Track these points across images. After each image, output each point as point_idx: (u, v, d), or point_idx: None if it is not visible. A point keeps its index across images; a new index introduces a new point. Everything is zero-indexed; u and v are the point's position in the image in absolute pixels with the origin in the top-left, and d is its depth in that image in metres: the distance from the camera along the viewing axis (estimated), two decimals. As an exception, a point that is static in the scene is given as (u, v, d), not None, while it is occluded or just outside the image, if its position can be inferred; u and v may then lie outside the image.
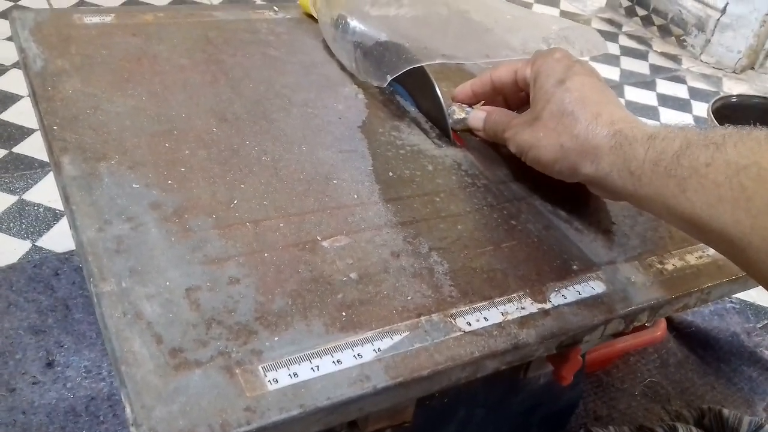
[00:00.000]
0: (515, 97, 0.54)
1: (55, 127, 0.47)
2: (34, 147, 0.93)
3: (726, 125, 0.37)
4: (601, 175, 0.42)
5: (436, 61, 0.54)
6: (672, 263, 0.47)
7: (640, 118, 1.33)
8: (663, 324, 0.67)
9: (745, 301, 0.84)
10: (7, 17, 0.61)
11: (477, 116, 0.53)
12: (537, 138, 0.46)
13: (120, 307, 0.35)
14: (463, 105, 0.55)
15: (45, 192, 0.85)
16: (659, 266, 0.46)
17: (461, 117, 0.55)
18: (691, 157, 0.36)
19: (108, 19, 0.62)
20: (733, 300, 0.81)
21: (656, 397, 0.66)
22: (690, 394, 0.67)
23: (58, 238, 0.77)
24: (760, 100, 1.08)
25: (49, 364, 0.61)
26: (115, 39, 0.59)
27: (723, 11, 1.57)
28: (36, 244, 0.77)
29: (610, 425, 0.55)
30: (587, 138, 0.43)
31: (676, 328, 0.74)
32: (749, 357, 0.70)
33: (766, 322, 0.82)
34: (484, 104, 0.55)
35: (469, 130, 0.55)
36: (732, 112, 1.04)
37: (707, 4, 1.59)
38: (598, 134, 0.42)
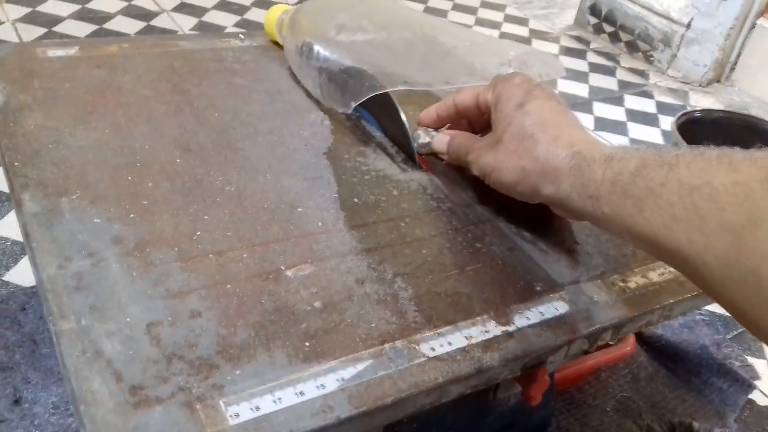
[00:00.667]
0: (478, 120, 0.55)
1: (16, 163, 0.47)
2: None
3: (679, 146, 0.38)
4: (562, 196, 0.43)
5: (399, 88, 0.55)
6: (635, 281, 0.47)
7: (609, 134, 1.34)
8: (632, 339, 0.68)
9: (714, 312, 0.85)
10: (-30, 52, 0.60)
11: (441, 140, 0.54)
12: (498, 161, 0.47)
13: (80, 345, 0.35)
14: (429, 129, 0.56)
15: (12, 226, 0.84)
16: (622, 284, 0.47)
17: (426, 141, 0.55)
18: (647, 177, 0.37)
19: (72, 51, 0.62)
20: (702, 312, 0.82)
21: (628, 412, 0.66)
22: (661, 408, 0.68)
23: (26, 273, 0.76)
24: (722, 114, 1.11)
25: (17, 402, 0.60)
26: (79, 72, 0.59)
27: (688, 26, 1.60)
28: (2, 278, 0.76)
29: (582, 443, 0.55)
30: (547, 160, 0.44)
31: (646, 342, 0.75)
32: (719, 369, 0.71)
33: (735, 333, 0.83)
34: (449, 128, 0.56)
35: (434, 154, 0.55)
36: (696, 127, 1.06)
37: (673, 20, 1.63)
38: (557, 156, 0.43)
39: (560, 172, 0.43)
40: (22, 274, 0.76)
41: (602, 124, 1.37)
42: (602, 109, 1.43)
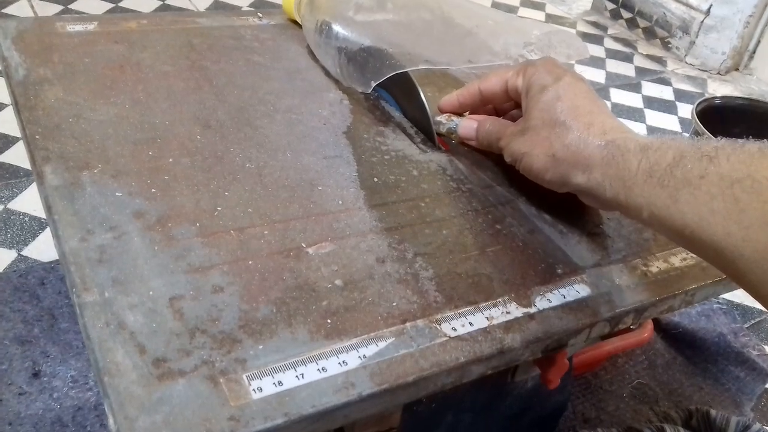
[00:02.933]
0: (503, 107, 0.54)
1: (37, 137, 0.47)
2: (18, 156, 0.93)
3: (719, 137, 0.37)
4: (593, 185, 0.42)
5: (420, 67, 0.54)
6: (656, 265, 0.47)
7: (626, 120, 1.33)
8: (650, 325, 0.67)
9: (732, 301, 0.84)
10: (-11, 26, 0.60)
11: (468, 126, 0.54)
12: (529, 147, 0.46)
13: (103, 317, 0.35)
14: (451, 116, 0.55)
15: (30, 201, 0.85)
16: (644, 269, 0.46)
17: (449, 126, 0.55)
18: (685, 169, 0.36)
19: (91, 27, 0.62)
20: (719, 300, 0.81)
21: (644, 398, 0.66)
22: (678, 395, 0.67)
23: (44, 248, 0.76)
24: (743, 102, 1.09)
25: (36, 375, 0.60)
26: (98, 47, 0.59)
27: (707, 13, 1.58)
28: (21, 253, 0.76)
29: (598, 427, 0.55)
30: (579, 148, 0.43)
31: (663, 329, 0.75)
32: (736, 357, 0.70)
33: (752, 322, 0.82)
34: (470, 114, 0.55)
35: (460, 141, 0.55)
36: (715, 114, 1.04)
37: (691, 6, 1.61)
38: (590, 144, 0.43)
39: (592, 161, 0.42)
40: (40, 250, 0.76)
41: (619, 110, 1.36)
42: (619, 96, 1.42)
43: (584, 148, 0.43)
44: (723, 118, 1.04)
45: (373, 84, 0.55)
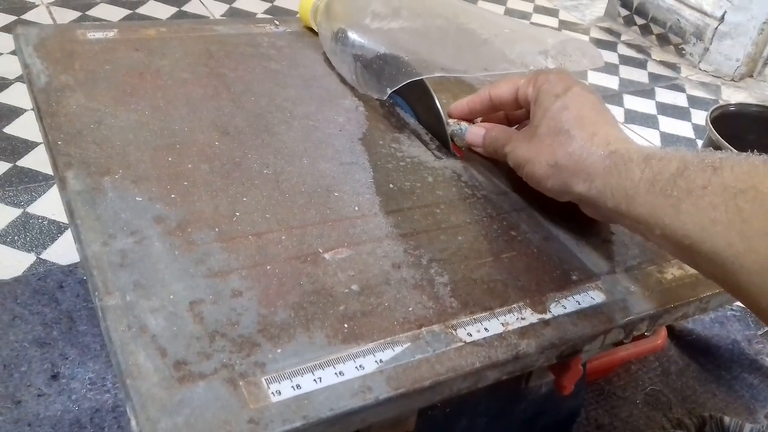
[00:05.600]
0: (514, 114, 0.55)
1: (59, 142, 0.47)
2: (38, 160, 0.94)
3: (723, 150, 0.37)
4: (593, 195, 0.43)
5: (435, 74, 0.55)
6: (671, 272, 0.47)
7: (639, 126, 1.32)
8: (664, 332, 0.67)
9: (746, 309, 0.84)
10: (11, 31, 0.61)
11: (476, 132, 0.54)
12: (532, 153, 0.46)
13: (125, 320, 0.35)
14: (459, 122, 0.56)
15: (49, 205, 0.86)
16: (658, 275, 0.47)
17: (453, 129, 0.55)
18: (688, 178, 0.36)
19: (111, 34, 0.63)
20: (733, 308, 0.81)
21: (658, 405, 0.66)
22: (691, 402, 0.67)
23: (63, 251, 0.77)
24: (758, 109, 1.09)
25: (54, 377, 0.61)
26: (118, 54, 0.60)
27: (721, 20, 1.57)
28: (40, 257, 0.77)
29: (611, 434, 0.55)
30: (582, 157, 0.43)
31: (676, 336, 0.75)
32: (750, 364, 0.70)
33: (766, 329, 0.82)
34: (481, 121, 0.56)
35: (468, 147, 0.55)
36: (730, 121, 1.04)
37: (705, 13, 1.60)
38: (593, 154, 0.43)
39: (594, 170, 0.42)
40: (58, 253, 0.77)
41: (632, 116, 1.36)
42: (633, 102, 1.41)
43: (587, 157, 0.43)
44: (737, 125, 1.04)
45: (389, 91, 0.56)
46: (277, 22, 0.72)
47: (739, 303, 0.83)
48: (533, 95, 0.48)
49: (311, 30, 0.71)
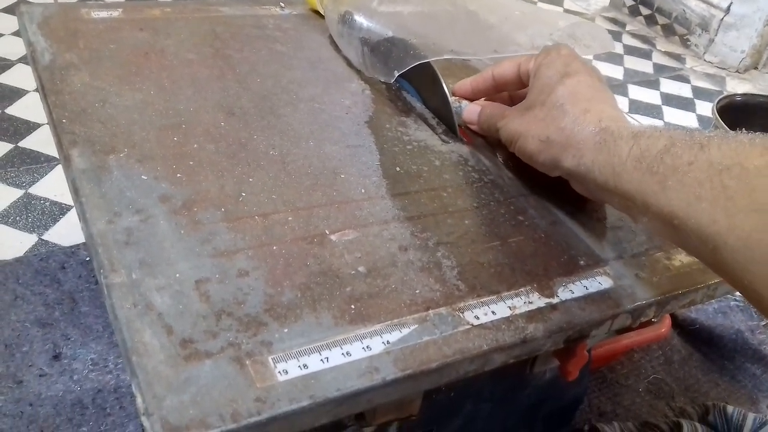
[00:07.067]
0: (517, 94, 0.54)
1: (64, 121, 0.47)
2: (40, 141, 0.93)
3: (711, 129, 0.37)
4: (582, 171, 0.43)
5: (444, 57, 0.54)
6: (679, 259, 0.47)
7: (644, 116, 1.32)
8: (667, 321, 0.67)
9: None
10: (14, 12, 0.61)
11: (472, 110, 0.54)
12: (525, 128, 0.47)
13: (130, 298, 0.35)
14: (461, 100, 0.56)
15: (51, 186, 0.85)
16: (666, 262, 0.46)
17: (458, 111, 0.55)
18: (675, 155, 0.36)
19: (115, 13, 0.63)
20: (737, 297, 0.81)
21: (660, 393, 0.66)
22: (694, 391, 0.67)
23: (65, 232, 0.77)
24: (765, 99, 1.08)
25: (56, 357, 0.61)
26: (123, 33, 0.60)
27: (727, 11, 1.56)
28: (42, 237, 0.77)
29: (614, 421, 0.55)
30: (573, 132, 0.43)
31: (680, 325, 0.74)
32: (753, 354, 0.70)
33: (770, 320, 0.82)
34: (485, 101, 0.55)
35: (465, 126, 0.55)
36: (736, 111, 1.04)
37: (711, 4, 1.59)
38: (583, 129, 0.43)
39: (584, 145, 0.42)
40: (60, 234, 0.77)
41: (637, 107, 1.35)
42: (637, 92, 1.41)
43: (578, 133, 0.43)
44: (744, 116, 1.04)
45: (396, 74, 0.55)
46: (282, 4, 0.71)
47: (742, 293, 0.83)
48: (533, 70, 0.48)
49: (317, 13, 0.70)
